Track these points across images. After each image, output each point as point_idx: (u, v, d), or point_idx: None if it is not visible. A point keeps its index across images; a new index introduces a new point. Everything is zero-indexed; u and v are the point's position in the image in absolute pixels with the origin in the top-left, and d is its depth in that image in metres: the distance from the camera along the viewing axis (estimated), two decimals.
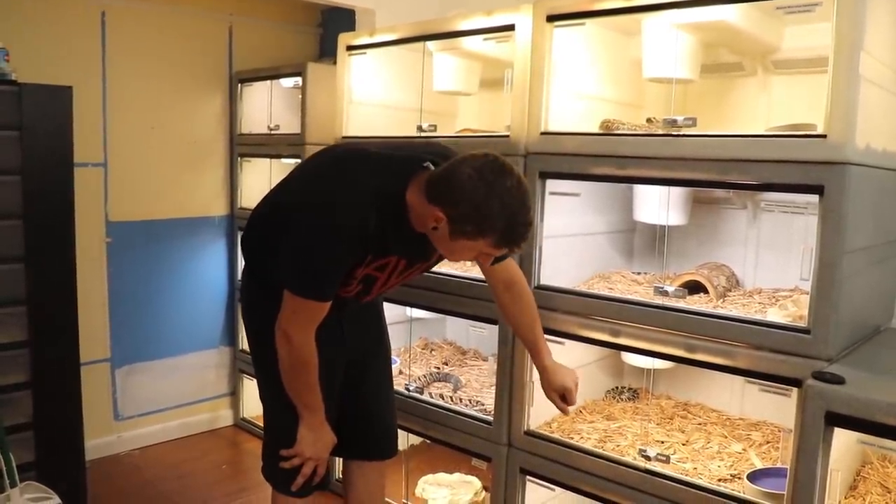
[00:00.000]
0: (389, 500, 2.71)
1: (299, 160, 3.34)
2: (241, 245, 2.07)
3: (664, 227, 2.48)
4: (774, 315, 2.05)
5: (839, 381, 1.60)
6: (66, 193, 2.65)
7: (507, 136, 2.38)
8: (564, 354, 2.48)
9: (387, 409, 2.26)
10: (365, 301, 2.02)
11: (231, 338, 3.85)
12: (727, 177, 1.95)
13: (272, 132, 3.53)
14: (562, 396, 2.08)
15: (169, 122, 3.53)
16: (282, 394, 1.93)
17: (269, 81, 3.61)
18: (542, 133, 2.30)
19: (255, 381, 3.65)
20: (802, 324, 1.88)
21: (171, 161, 3.55)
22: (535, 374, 2.40)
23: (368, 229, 1.72)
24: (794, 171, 1.83)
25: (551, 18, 2.29)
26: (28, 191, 2.54)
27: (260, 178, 3.72)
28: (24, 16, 3.05)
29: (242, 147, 3.71)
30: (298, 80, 3.38)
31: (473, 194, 1.60)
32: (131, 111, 3.39)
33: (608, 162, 2.17)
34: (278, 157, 3.56)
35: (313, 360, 1.85)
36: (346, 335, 2.06)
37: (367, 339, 2.18)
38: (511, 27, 2.39)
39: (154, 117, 3.47)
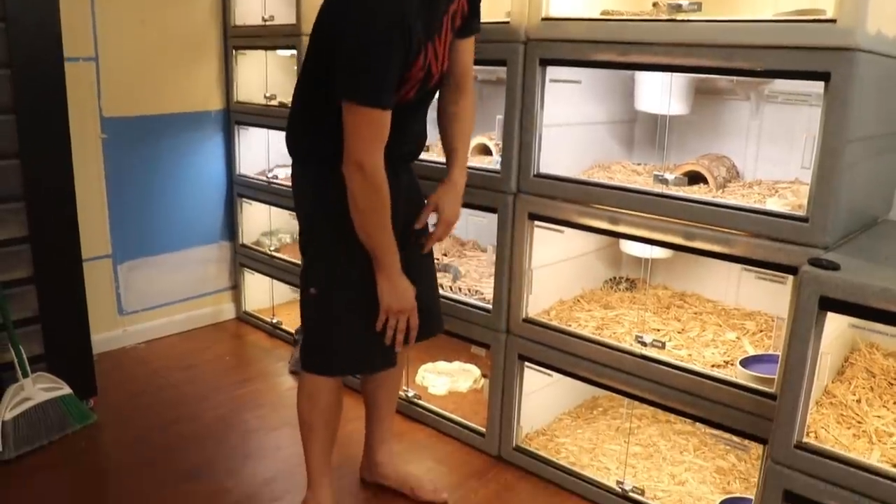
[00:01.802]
0: None
1: (294, 52, 3.28)
2: (286, 139, 2.02)
3: (665, 117, 2.45)
4: (773, 204, 2.06)
5: (834, 267, 1.61)
6: (58, 87, 2.61)
7: (507, 23, 2.32)
8: (564, 243, 2.52)
9: (435, 284, 2.27)
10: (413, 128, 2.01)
11: (231, 233, 3.86)
12: (732, 63, 1.91)
13: (267, 23, 3.44)
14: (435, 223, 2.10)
15: (160, 14, 3.43)
16: (334, 274, 1.94)
17: None
18: (543, 19, 2.24)
19: (256, 275, 3.76)
20: (801, 212, 1.89)
21: (164, 55, 3.47)
22: (535, 262, 2.44)
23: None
24: (800, 57, 1.79)
25: None
26: (19, 85, 2.50)
27: (255, 72, 3.65)
28: None
29: (237, 39, 3.63)
30: None
31: None
32: (121, 3, 3.29)
33: (610, 48, 2.12)
34: (274, 48, 3.48)
35: (386, 188, 1.80)
36: (399, 212, 1.99)
37: (413, 209, 2.14)
38: None
39: (145, 10, 3.37)
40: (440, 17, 1.84)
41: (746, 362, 2.13)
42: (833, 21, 1.72)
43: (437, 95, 2.07)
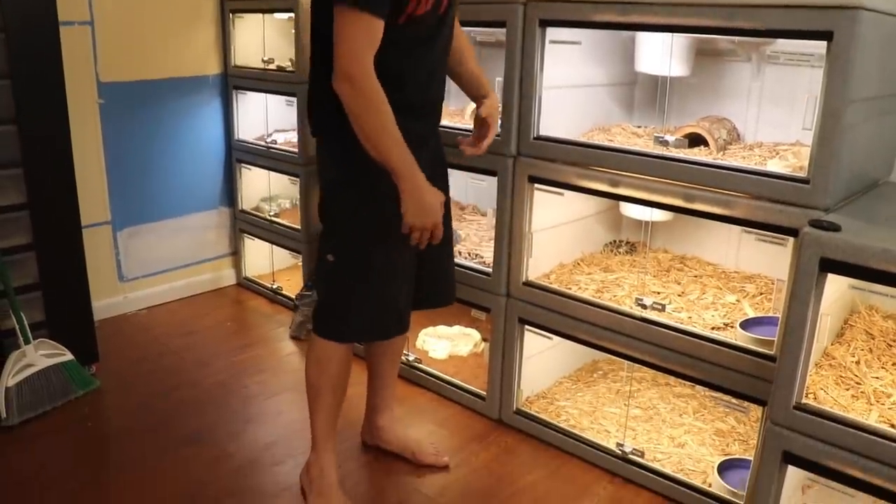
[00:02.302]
0: None
1: (292, 14, 3.24)
2: (307, 112, 1.99)
3: (666, 79, 2.43)
4: (774, 166, 2.05)
5: (835, 228, 1.61)
6: (53, 52, 2.58)
7: None
8: (564, 206, 2.51)
9: (452, 253, 2.27)
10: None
11: (230, 198, 3.85)
12: (733, 23, 1.88)
13: None
14: (481, 132, 2.11)
15: None
16: (352, 242, 1.94)
17: None
18: None
19: (256, 240, 3.76)
20: (802, 174, 1.88)
21: (160, 18, 3.43)
22: (535, 226, 2.44)
23: None
24: (802, 16, 1.77)
25: None
26: (13, 49, 2.47)
27: (253, 35, 3.62)
28: None
29: (233, 3, 3.58)
30: None
31: None
32: None
33: (611, 8, 2.09)
34: (271, 11, 3.44)
35: (381, 95, 1.72)
36: (425, 166, 1.92)
37: (439, 174, 2.12)
38: None
39: None
40: None
41: (746, 324, 2.14)
42: None
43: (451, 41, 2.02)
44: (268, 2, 3.39)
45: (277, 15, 3.49)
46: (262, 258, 3.91)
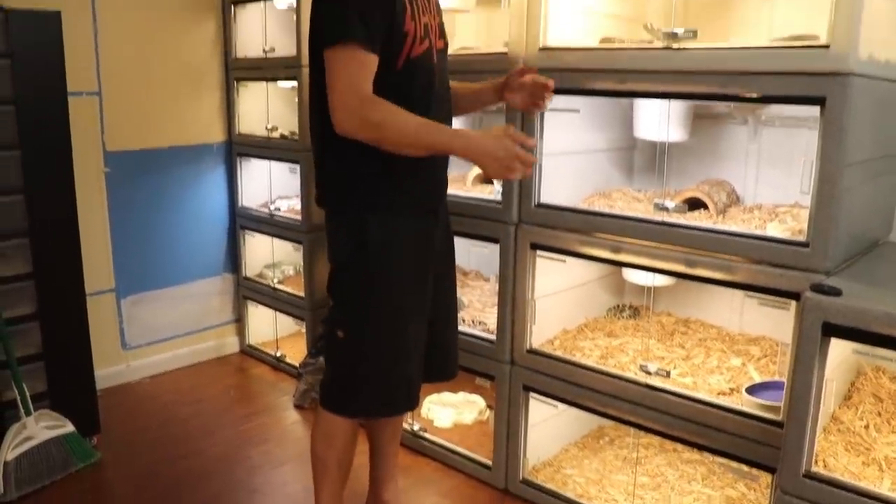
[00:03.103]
0: None
1: (295, 83, 3.30)
2: (315, 187, 1.99)
3: (664, 143, 2.46)
4: (774, 229, 2.06)
5: (836, 292, 1.61)
6: (61, 123, 2.63)
7: (506, 53, 2.34)
8: (566, 271, 2.51)
9: (457, 325, 2.23)
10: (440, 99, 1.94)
11: (234, 265, 3.87)
12: (728, 90, 1.92)
13: (267, 55, 3.47)
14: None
15: (162, 47, 3.47)
16: (362, 318, 1.90)
17: (262, 3, 3.53)
18: (541, 49, 2.26)
19: (259, 307, 3.76)
20: (801, 237, 1.89)
21: (166, 88, 3.50)
22: (538, 292, 2.43)
23: None
24: (795, 82, 1.80)
25: None
26: (23, 121, 2.52)
27: (257, 103, 3.68)
28: None
29: (238, 71, 3.66)
30: (293, 1, 3.31)
31: None
32: (123, 37, 3.32)
33: (608, 76, 2.13)
34: (274, 80, 3.51)
35: (387, 110, 1.69)
36: (437, 237, 1.99)
37: (447, 245, 2.11)
38: None
39: (147, 43, 3.41)
40: None
41: (752, 389, 2.11)
42: (826, 47, 1.74)
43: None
44: (272, 71, 3.46)
45: (281, 83, 3.56)
46: (265, 325, 3.90)
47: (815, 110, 1.80)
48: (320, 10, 1.75)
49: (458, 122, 2.13)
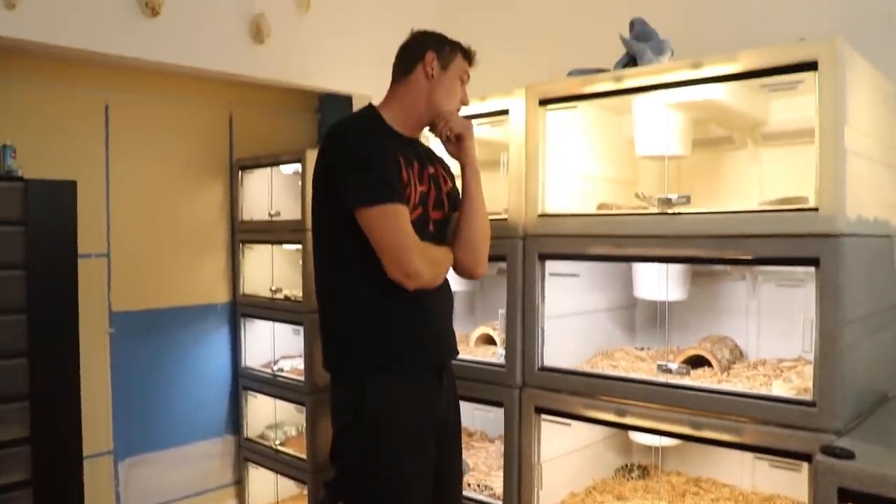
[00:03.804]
0: None
1: (300, 246, 3.38)
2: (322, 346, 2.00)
3: (665, 302, 2.48)
4: (779, 388, 2.04)
5: (849, 455, 1.58)
6: (70, 286, 2.68)
7: (505, 219, 2.41)
8: (571, 434, 2.47)
9: (461, 490, 2.19)
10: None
11: (235, 426, 3.81)
12: (724, 253, 1.97)
13: (273, 218, 3.57)
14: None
15: (171, 210, 3.58)
16: (364, 487, 1.88)
17: (269, 168, 3.67)
18: (540, 215, 2.33)
19: (260, 469, 3.66)
20: (808, 396, 1.87)
21: (173, 249, 3.59)
22: (544, 456, 2.38)
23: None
24: (789, 244, 1.85)
25: (544, 102, 2.34)
26: (32, 285, 2.57)
27: (262, 265, 3.75)
28: (31, 112, 3.12)
29: (244, 234, 3.75)
30: (298, 166, 3.44)
31: (428, 35, 2.03)
32: (134, 200, 3.44)
33: (606, 242, 2.19)
34: (279, 243, 3.59)
35: (440, 259, 1.89)
36: (441, 402, 1.98)
37: (454, 414, 2.10)
38: (505, 112, 2.45)
39: (156, 206, 3.52)
40: (412, 160, 1.94)
41: None
42: (815, 209, 1.80)
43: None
44: (277, 234, 3.54)
45: (286, 246, 3.63)
46: (266, 488, 3.79)
47: (811, 267, 1.84)
48: (341, 178, 1.82)
49: None
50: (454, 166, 2.11)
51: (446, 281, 2.03)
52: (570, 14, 3.17)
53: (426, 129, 2.06)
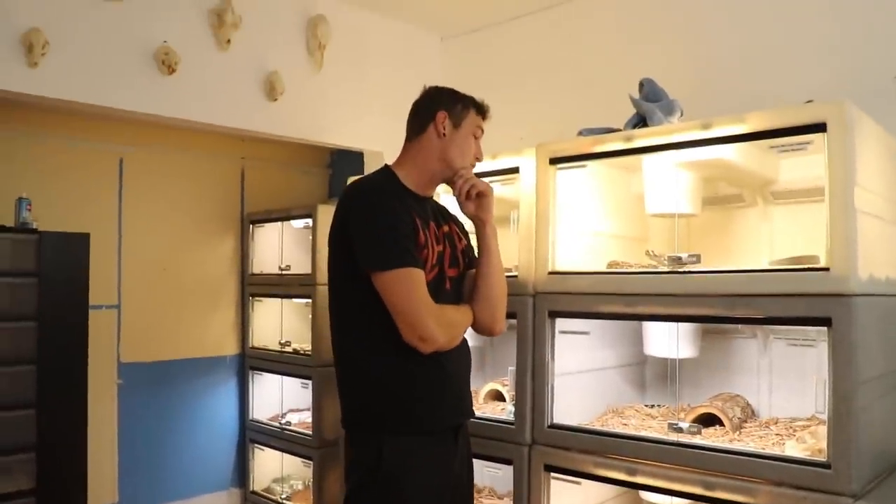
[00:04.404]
0: None
1: (309, 300, 3.38)
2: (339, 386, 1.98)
3: (675, 359, 2.47)
4: (792, 449, 2.01)
5: None
6: (80, 338, 2.69)
7: (516, 276, 2.42)
8: (581, 493, 2.43)
9: None
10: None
11: (241, 479, 3.77)
12: (734, 312, 1.96)
13: (283, 272, 3.59)
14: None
15: (182, 262, 3.60)
16: None
17: (280, 222, 3.70)
18: (550, 273, 2.34)
19: None
20: (822, 458, 1.84)
21: (183, 301, 3.60)
22: None
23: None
24: (800, 304, 1.84)
25: (554, 161, 2.37)
26: (43, 336, 2.59)
27: (271, 318, 3.76)
28: (47, 165, 3.18)
29: (254, 287, 3.77)
30: (309, 221, 3.47)
31: (440, 91, 2.02)
32: (146, 252, 3.47)
33: (616, 300, 2.19)
34: (289, 296, 3.60)
35: (457, 320, 1.88)
36: (456, 463, 1.95)
37: (467, 475, 2.06)
38: (516, 170, 2.48)
39: (167, 258, 3.55)
40: (429, 219, 1.94)
41: None
42: (827, 269, 1.79)
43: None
44: (287, 287, 3.56)
45: (296, 300, 3.64)
46: None
47: (823, 326, 1.83)
48: (357, 239, 1.83)
49: None
50: (466, 223, 2.12)
51: (464, 340, 2.02)
52: (579, 72, 3.23)
53: (441, 185, 2.08)
